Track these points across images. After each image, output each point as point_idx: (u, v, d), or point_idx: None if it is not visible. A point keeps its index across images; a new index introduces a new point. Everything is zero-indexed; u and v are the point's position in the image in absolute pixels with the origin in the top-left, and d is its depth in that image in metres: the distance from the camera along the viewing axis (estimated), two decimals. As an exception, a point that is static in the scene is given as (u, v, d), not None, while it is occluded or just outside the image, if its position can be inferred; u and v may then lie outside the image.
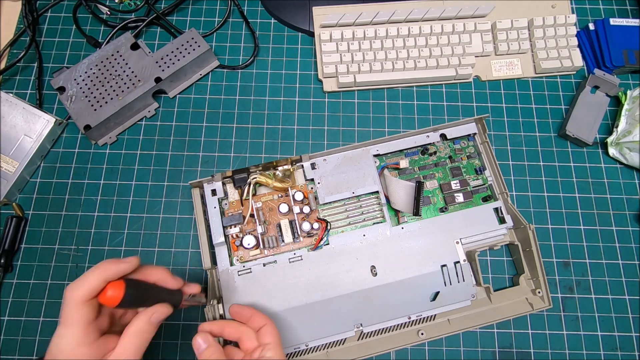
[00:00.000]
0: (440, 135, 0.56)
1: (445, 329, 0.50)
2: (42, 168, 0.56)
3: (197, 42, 0.58)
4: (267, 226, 0.52)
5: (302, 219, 0.52)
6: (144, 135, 0.58)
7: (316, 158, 0.54)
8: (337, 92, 0.61)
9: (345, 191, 0.53)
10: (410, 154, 0.56)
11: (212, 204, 0.52)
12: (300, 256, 0.51)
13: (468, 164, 0.56)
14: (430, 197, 0.55)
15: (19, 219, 0.53)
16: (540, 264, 0.50)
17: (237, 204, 0.52)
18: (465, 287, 0.50)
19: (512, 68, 0.61)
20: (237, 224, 0.51)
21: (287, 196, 0.53)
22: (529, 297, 0.51)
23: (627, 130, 0.56)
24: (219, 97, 0.60)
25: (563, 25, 0.60)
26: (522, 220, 0.51)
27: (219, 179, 0.52)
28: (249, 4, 0.65)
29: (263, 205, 0.53)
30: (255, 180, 0.51)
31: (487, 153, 0.55)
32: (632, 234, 0.55)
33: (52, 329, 0.50)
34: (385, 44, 0.59)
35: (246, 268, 0.50)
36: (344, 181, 0.53)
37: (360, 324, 0.49)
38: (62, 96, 0.55)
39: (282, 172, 0.52)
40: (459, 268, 0.51)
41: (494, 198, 0.54)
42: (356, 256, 0.51)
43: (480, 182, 0.55)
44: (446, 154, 0.56)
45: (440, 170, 0.56)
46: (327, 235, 0.52)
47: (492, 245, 0.53)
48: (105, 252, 0.53)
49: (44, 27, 0.63)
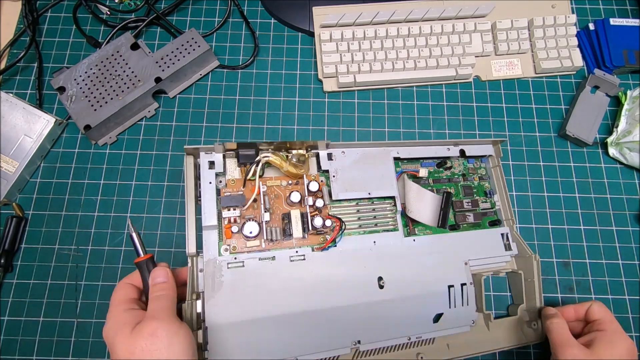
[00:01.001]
0: (460, 151, 0.54)
1: (444, 354, 0.48)
2: (42, 168, 0.56)
3: (197, 42, 0.58)
4: (271, 214, 0.46)
5: (314, 213, 0.46)
6: (144, 135, 0.58)
7: (334, 148, 0.49)
8: (337, 92, 0.61)
9: (362, 190, 0.49)
10: (427, 164, 0.54)
11: (207, 178, 0.45)
12: (304, 255, 0.45)
13: (479, 185, 0.55)
14: None
15: (19, 219, 0.53)
16: (540, 297, 0.49)
17: (238, 183, 0.46)
18: (467, 311, 0.48)
19: (512, 68, 0.61)
20: (237, 206, 0.44)
21: (297, 184, 0.47)
22: (524, 329, 0.50)
23: (627, 130, 0.56)
24: (219, 97, 0.60)
25: (563, 25, 0.60)
26: (527, 250, 0.50)
27: (220, 151, 0.46)
28: (249, 4, 0.65)
29: (268, 190, 0.46)
30: (266, 159, 0.44)
31: (498, 178, 0.54)
32: (632, 234, 0.55)
33: (52, 329, 0.50)
34: (385, 44, 0.59)
35: (238, 260, 0.43)
36: (361, 179, 0.49)
37: (358, 340, 0.44)
38: (62, 96, 0.55)
39: (296, 157, 0.46)
40: (465, 290, 0.49)
41: (501, 224, 0.53)
42: (364, 264, 0.46)
43: (489, 206, 0.54)
44: (460, 171, 0.55)
45: (452, 186, 0.54)
46: (340, 236, 0.46)
47: (497, 270, 0.52)
48: (105, 252, 0.53)
49: (44, 27, 0.63)
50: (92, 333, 0.50)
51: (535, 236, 0.55)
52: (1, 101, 0.54)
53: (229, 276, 0.43)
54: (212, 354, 0.40)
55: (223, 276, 0.43)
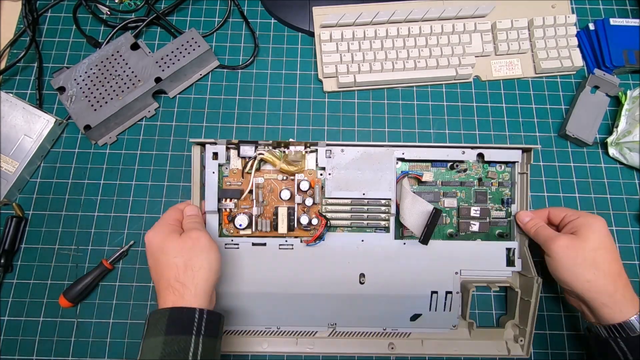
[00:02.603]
0: (478, 155, 0.51)
1: (416, 349, 0.49)
2: (42, 168, 0.56)
3: (197, 42, 0.58)
4: (264, 207, 0.50)
5: (302, 211, 0.50)
6: (144, 135, 0.58)
7: (334, 146, 0.50)
8: (337, 92, 0.61)
9: (356, 190, 0.50)
10: (438, 164, 0.52)
11: (211, 168, 0.49)
12: (292, 245, 0.50)
13: (497, 191, 0.52)
14: (444, 216, 0.51)
15: (19, 219, 0.53)
16: (534, 318, 0.48)
17: (239, 174, 0.50)
18: (449, 316, 0.49)
19: (512, 68, 0.61)
20: (234, 197, 0.50)
21: (293, 180, 0.51)
22: (509, 342, 0.50)
23: (627, 130, 0.56)
24: (219, 97, 0.60)
25: (563, 25, 0.60)
26: (532, 271, 0.48)
27: (224, 144, 0.50)
28: (249, 4, 0.65)
29: (265, 182, 0.51)
30: (261, 157, 0.49)
31: (523, 186, 0.51)
32: (632, 234, 0.55)
33: (52, 329, 0.50)
34: (385, 44, 0.59)
35: (234, 243, 0.50)
36: (357, 179, 0.50)
37: (334, 322, 0.49)
38: (62, 96, 0.55)
39: (293, 154, 0.49)
40: (449, 299, 0.49)
41: (511, 237, 0.51)
42: (348, 260, 0.50)
43: (503, 215, 0.52)
44: (476, 175, 0.52)
45: (464, 190, 0.52)
46: (325, 233, 0.50)
47: (491, 283, 0.50)
48: (105, 252, 0.53)
49: (44, 27, 0.63)
50: (92, 333, 0.50)
51: (535, 236, 0.55)
52: (1, 101, 0.54)
53: (226, 255, 0.49)
54: None
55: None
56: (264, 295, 0.49)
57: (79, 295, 0.50)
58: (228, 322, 0.50)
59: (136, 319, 0.51)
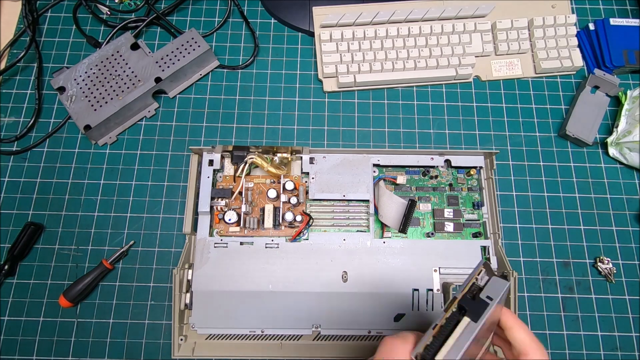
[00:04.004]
0: (445, 161, 0.55)
1: None
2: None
3: (197, 42, 0.58)
4: (252, 207, 0.53)
5: (287, 209, 0.53)
6: (144, 135, 0.58)
7: (316, 153, 0.55)
8: (337, 92, 0.61)
9: (337, 192, 0.53)
10: (412, 172, 0.56)
11: (206, 173, 0.53)
12: (278, 244, 0.52)
13: (467, 195, 0.55)
14: (421, 219, 0.54)
15: (36, 228, 0.53)
16: (515, 313, 0.47)
17: (231, 179, 0.54)
18: (432, 315, 0.49)
19: (512, 68, 0.61)
20: (225, 197, 0.53)
21: (279, 183, 0.54)
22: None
23: (627, 130, 0.56)
24: (219, 97, 0.60)
25: (563, 25, 0.60)
26: (507, 266, 0.50)
27: (219, 151, 0.53)
28: (249, 4, 0.65)
29: (254, 186, 0.54)
30: (251, 160, 0.52)
31: (490, 190, 0.54)
32: (632, 234, 0.55)
33: (52, 329, 0.50)
34: (385, 44, 0.59)
35: (223, 242, 0.51)
36: (337, 182, 0.54)
37: (319, 324, 0.49)
38: (62, 96, 0.55)
39: (280, 159, 0.53)
40: (431, 296, 0.50)
41: (484, 236, 0.53)
42: (331, 258, 0.51)
43: (475, 217, 0.54)
44: (447, 181, 0.56)
45: (437, 195, 0.55)
46: (307, 229, 0.52)
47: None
48: (105, 252, 0.53)
49: (44, 27, 0.63)
50: (92, 333, 0.50)
51: (535, 236, 0.55)
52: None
53: (215, 254, 0.51)
54: (194, 313, 0.50)
55: (210, 253, 0.51)
56: (249, 296, 0.50)
57: (79, 295, 0.50)
58: (215, 323, 0.49)
59: (136, 319, 0.51)
